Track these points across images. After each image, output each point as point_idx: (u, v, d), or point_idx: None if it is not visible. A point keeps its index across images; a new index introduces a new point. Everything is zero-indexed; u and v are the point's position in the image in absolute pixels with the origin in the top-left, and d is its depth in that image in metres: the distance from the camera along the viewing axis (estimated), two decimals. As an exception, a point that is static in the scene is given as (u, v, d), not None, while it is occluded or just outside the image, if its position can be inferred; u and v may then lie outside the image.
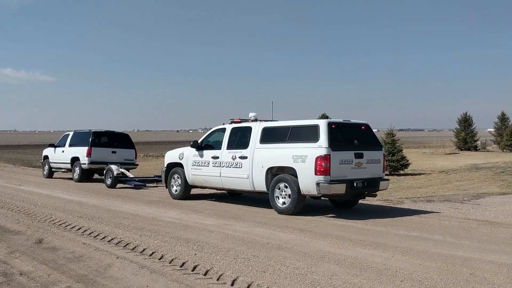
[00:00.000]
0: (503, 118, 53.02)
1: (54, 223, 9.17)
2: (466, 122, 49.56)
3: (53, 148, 20.18)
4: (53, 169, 20.36)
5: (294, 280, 5.40)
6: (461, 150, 47.33)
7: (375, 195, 10.72)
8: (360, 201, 11.33)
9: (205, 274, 5.76)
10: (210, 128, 12.68)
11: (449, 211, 10.55)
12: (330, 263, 6.07)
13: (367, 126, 10.57)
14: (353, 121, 10.49)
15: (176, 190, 12.80)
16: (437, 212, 10.35)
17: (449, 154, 42.30)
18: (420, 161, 31.26)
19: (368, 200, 11.85)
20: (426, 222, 9.06)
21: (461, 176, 20.60)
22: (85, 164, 18.04)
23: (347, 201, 10.85)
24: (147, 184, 16.64)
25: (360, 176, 9.83)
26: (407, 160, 23.80)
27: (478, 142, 50.07)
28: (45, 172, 20.65)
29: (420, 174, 22.61)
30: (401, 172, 23.01)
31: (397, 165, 22.78)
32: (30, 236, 8.03)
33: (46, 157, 20.67)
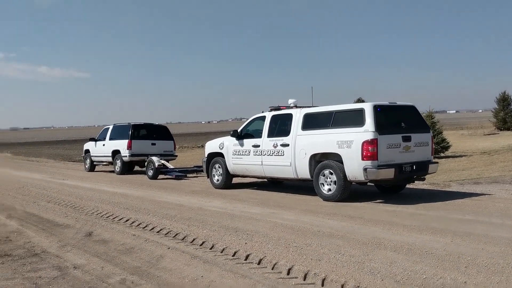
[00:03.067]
0: (545, 96, 50.93)
1: (101, 216, 9.25)
2: (505, 101, 47.76)
3: (94, 142, 20.47)
4: (94, 163, 20.68)
5: (352, 268, 5.24)
6: (501, 130, 45.78)
7: (423, 179, 10.39)
8: (406, 186, 11.03)
9: (258, 263, 5.66)
10: (242, 118, 12.57)
11: (500, 193, 10.15)
12: (387, 250, 5.88)
13: (413, 107, 10.24)
14: (399, 103, 10.17)
15: (217, 180, 12.78)
16: (489, 194, 9.97)
17: (488, 134, 40.96)
18: (460, 143, 30.37)
19: (415, 184, 11.52)
20: (479, 205, 8.72)
21: (505, 157, 19.87)
22: (126, 156, 18.24)
23: (394, 185, 10.57)
24: (187, 175, 16.71)
25: (409, 159, 9.54)
26: (448, 142, 23.16)
27: (519, 122, 48.31)
28: (87, 166, 21.00)
29: (461, 156, 21.95)
30: (442, 154, 22.40)
31: (437, 147, 22.17)
32: (80, 229, 8.11)
33: (87, 151, 21.01)
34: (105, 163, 20.19)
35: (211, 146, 13.18)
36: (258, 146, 11.48)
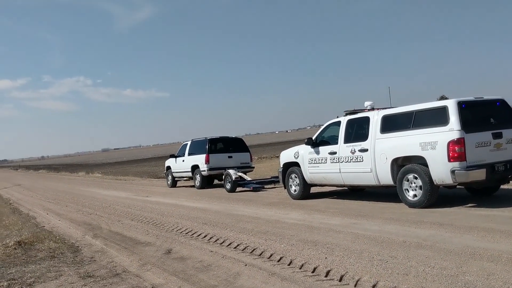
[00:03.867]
0: None
1: (181, 232, 9.28)
2: None
3: (174, 158, 20.96)
4: (176, 178, 21.16)
5: (444, 283, 4.72)
6: None
7: (520, 178, 9.46)
8: (501, 187, 10.10)
9: (340, 280, 5.30)
10: (320, 125, 12.18)
11: None
12: (482, 261, 5.28)
13: (502, 101, 9.36)
14: (486, 97, 9.35)
15: (295, 190, 12.47)
16: None
17: None
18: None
19: (509, 184, 10.53)
20: None
21: None
22: (204, 171, 18.47)
23: (486, 187, 9.71)
24: (265, 186, 16.56)
25: (501, 158, 8.71)
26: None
27: None
28: (169, 182, 21.53)
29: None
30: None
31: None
32: (160, 247, 8.14)
33: (168, 168, 21.57)
34: (185, 178, 20.57)
35: (286, 155, 12.92)
36: (335, 153, 11.04)
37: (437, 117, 8.88)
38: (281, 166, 12.98)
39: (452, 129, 8.48)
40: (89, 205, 16.38)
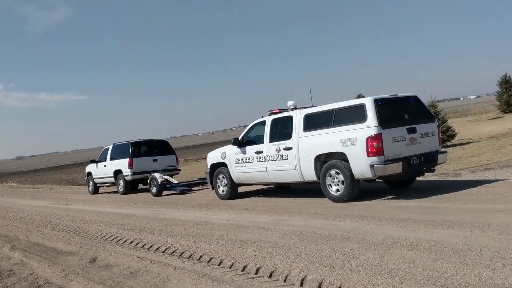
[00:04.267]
0: (547, 74, 50.43)
1: (105, 239, 8.98)
2: (507, 84, 47.32)
3: (95, 164, 20.21)
4: (97, 185, 20.43)
5: (369, 273, 4.92)
6: (505, 113, 45.33)
7: (433, 170, 10.05)
8: (416, 179, 10.68)
9: (270, 277, 5.37)
10: (245, 126, 12.29)
11: (515, 177, 9.80)
12: (403, 249, 5.56)
13: (415, 98, 9.91)
14: (400, 94, 9.85)
15: (223, 191, 12.48)
16: (503, 180, 9.61)
17: (494, 118, 40.57)
18: (465, 129, 30.01)
19: (424, 176, 11.17)
20: (495, 192, 8.37)
21: (513, 140, 19.53)
22: (128, 175, 17.96)
23: (403, 180, 10.24)
24: (192, 188, 16.41)
25: (416, 152, 9.22)
26: (453, 131, 22.83)
27: (523, 103, 47.85)
28: (90, 189, 20.75)
29: (468, 143, 21.60)
30: (449, 143, 22.06)
31: (443, 136, 21.82)
32: (83, 256, 7.85)
33: (89, 174, 20.77)
34: (108, 184, 19.92)
35: (213, 156, 12.89)
36: (261, 152, 11.18)
37: (356, 114, 9.23)
38: (209, 167, 12.93)
39: (370, 126, 8.86)
40: (5, 215, 15.44)
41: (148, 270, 6.39)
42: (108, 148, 19.81)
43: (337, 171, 9.42)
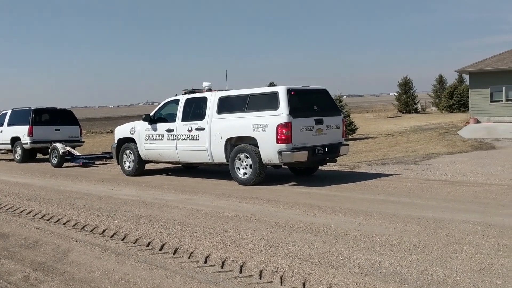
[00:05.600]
0: (440, 80, 54.72)
1: (0, 208, 8.50)
2: (406, 86, 50.75)
3: (-11, 129, 18.90)
4: (-9, 151, 19.12)
5: (270, 253, 5.18)
6: (403, 113, 48.67)
7: (335, 161, 10.66)
8: (319, 168, 11.25)
9: (174, 253, 5.44)
10: (153, 103, 12.13)
11: (406, 173, 10.67)
12: (304, 233, 5.90)
13: (325, 91, 10.41)
14: (311, 86, 10.28)
15: (129, 167, 12.26)
16: (396, 174, 10.44)
17: (392, 117, 43.43)
18: (365, 125, 31.83)
19: (326, 166, 11.80)
20: (388, 185, 9.08)
21: (408, 138, 21.09)
22: (27, 143, 17.01)
23: (307, 168, 10.73)
24: (96, 162, 15.91)
25: (321, 142, 9.70)
26: (355, 125, 24.15)
27: (418, 105, 51.59)
28: (-18, 154, 19.37)
29: (367, 138, 22.99)
30: (350, 136, 23.30)
31: (345, 130, 22.99)
32: (-25, 224, 7.38)
33: (-18, 139, 19.36)
34: (3, 151, 18.72)
35: (121, 131, 12.59)
36: (172, 130, 11.12)
37: (269, 102, 9.51)
38: (116, 141, 12.62)
39: (281, 114, 9.17)
40: None
41: (47, 242, 6.18)
42: (6, 113, 18.59)
43: (246, 155, 9.65)
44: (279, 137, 9.09)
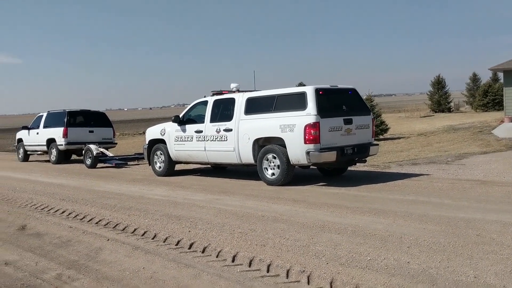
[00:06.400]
0: (474, 79, 53.51)
1: (36, 208, 8.77)
2: (439, 84, 49.80)
3: (27, 131, 19.48)
4: (28, 152, 19.70)
5: (297, 253, 5.19)
6: (435, 112, 47.77)
7: (365, 161, 10.57)
8: (348, 168, 11.18)
9: (203, 252, 5.52)
10: (184, 104, 12.30)
11: (438, 173, 10.49)
12: (331, 233, 5.89)
13: (354, 90, 10.33)
14: (340, 86, 10.23)
15: (159, 167, 12.46)
16: (427, 175, 10.28)
17: (424, 117, 42.67)
18: (397, 125, 31.39)
19: (355, 166, 11.71)
20: (419, 185, 8.95)
21: (440, 138, 20.70)
22: (62, 145, 17.46)
23: (336, 168, 10.68)
24: (128, 163, 16.23)
25: (350, 142, 9.64)
26: (386, 125, 23.85)
27: (452, 104, 50.56)
28: (20, 156, 19.97)
29: (399, 138, 22.67)
30: (381, 137, 23.04)
31: (376, 130, 22.74)
32: (12, 223, 7.64)
33: (20, 140, 19.97)
34: (39, 152, 19.26)
35: (152, 132, 12.81)
36: (201, 131, 11.25)
37: (297, 102, 9.50)
38: (147, 142, 12.85)
39: (309, 114, 9.15)
40: None
41: (80, 240, 6.36)
42: (42, 115, 19.13)
43: (274, 155, 9.68)
44: (307, 137, 9.08)
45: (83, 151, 16.51)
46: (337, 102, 9.92)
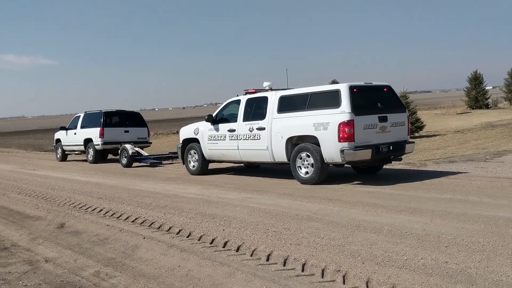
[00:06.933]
0: (513, 74, 51.87)
1: (74, 206, 8.98)
2: (476, 81, 48.51)
3: (65, 131, 19.98)
4: (66, 152, 20.21)
5: (332, 252, 5.14)
6: (473, 109, 46.59)
7: (400, 159, 10.37)
8: (384, 166, 11.01)
9: (237, 250, 5.53)
10: (217, 103, 12.37)
11: (476, 171, 10.22)
12: (366, 232, 5.81)
13: (389, 87, 10.16)
14: (374, 83, 10.08)
15: (193, 166, 12.57)
16: (465, 173, 10.02)
17: (461, 113, 41.68)
18: (433, 122, 30.78)
19: (391, 165, 11.52)
20: (456, 183, 8.74)
21: (478, 135, 20.17)
22: (98, 145, 17.84)
23: (371, 167, 10.54)
24: (163, 162, 16.44)
25: (385, 140, 9.48)
26: (422, 122, 23.41)
27: (490, 100, 49.19)
28: (58, 156, 20.50)
29: (435, 135, 22.21)
30: (416, 134, 22.63)
31: (412, 127, 22.36)
32: (51, 221, 7.85)
33: (58, 140, 20.51)
34: (77, 152, 19.73)
35: (186, 131, 12.94)
36: (234, 130, 11.29)
37: (330, 99, 9.41)
38: (181, 142, 12.99)
39: (343, 112, 9.06)
40: (-32, 178, 15.14)
41: (117, 238, 6.47)
42: (80, 116, 19.58)
43: (308, 154, 9.62)
44: (341, 135, 8.99)
45: (119, 151, 16.82)
46: (371, 100, 9.78)
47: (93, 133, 18.08)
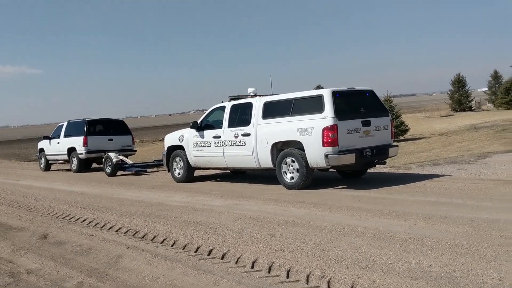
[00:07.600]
0: (496, 76, 52.61)
1: (57, 216, 8.88)
2: (459, 83, 49.08)
3: (48, 140, 19.76)
4: (50, 162, 19.98)
5: (317, 257, 5.14)
6: (456, 111, 47.12)
7: (384, 163, 10.42)
8: (368, 170, 11.06)
9: (222, 258, 5.50)
10: (204, 110, 12.36)
11: (460, 173, 10.29)
12: (351, 236, 5.81)
13: (371, 92, 10.22)
14: (357, 88, 10.14)
15: (179, 173, 12.50)
16: (449, 175, 10.10)
17: (445, 116, 42.13)
18: (418, 125, 31.05)
19: (375, 168, 11.57)
20: (440, 186, 8.80)
21: (462, 137, 20.37)
22: (82, 154, 17.66)
23: (355, 171, 10.56)
24: (148, 170, 16.33)
25: (369, 144, 9.53)
26: (406, 126, 23.61)
27: (473, 102, 49.79)
28: (42, 165, 20.27)
29: (419, 138, 22.42)
30: (401, 137, 22.81)
31: (396, 131, 22.55)
32: (34, 232, 7.75)
33: (41, 150, 20.27)
34: (60, 161, 19.54)
35: (171, 139, 12.86)
36: (219, 137, 11.25)
37: (314, 105, 9.44)
38: (165, 149, 12.91)
39: (327, 117, 9.08)
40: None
41: (100, 248, 6.40)
42: (63, 125, 19.38)
43: (293, 159, 9.62)
44: (325, 140, 9.01)
45: (103, 159, 16.67)
46: (354, 104, 9.83)
47: (77, 142, 17.89)
